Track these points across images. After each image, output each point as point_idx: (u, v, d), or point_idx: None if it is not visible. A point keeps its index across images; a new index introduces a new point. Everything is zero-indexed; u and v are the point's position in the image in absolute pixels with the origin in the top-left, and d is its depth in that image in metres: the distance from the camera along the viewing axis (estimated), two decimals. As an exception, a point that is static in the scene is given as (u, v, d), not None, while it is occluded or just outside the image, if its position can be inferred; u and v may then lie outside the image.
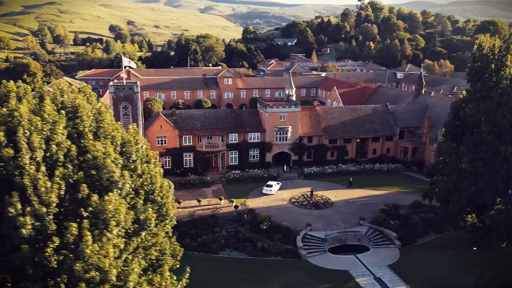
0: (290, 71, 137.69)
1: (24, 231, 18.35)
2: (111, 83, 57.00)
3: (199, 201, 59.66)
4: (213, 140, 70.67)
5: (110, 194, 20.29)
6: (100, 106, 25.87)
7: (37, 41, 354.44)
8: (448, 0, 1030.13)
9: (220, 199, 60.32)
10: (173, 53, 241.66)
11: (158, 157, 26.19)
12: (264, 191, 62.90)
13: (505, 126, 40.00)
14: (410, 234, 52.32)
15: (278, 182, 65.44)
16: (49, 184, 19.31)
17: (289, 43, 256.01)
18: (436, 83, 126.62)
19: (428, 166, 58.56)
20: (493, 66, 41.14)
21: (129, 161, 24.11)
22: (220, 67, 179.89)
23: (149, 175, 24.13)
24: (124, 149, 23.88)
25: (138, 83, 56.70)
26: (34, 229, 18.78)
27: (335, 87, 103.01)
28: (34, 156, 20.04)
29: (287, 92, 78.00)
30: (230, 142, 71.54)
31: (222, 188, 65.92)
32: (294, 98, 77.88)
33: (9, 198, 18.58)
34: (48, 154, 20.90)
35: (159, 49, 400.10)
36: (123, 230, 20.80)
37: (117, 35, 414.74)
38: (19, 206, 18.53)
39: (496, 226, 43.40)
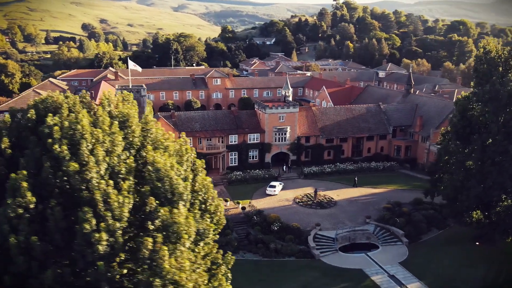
0: (275, 71, 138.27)
1: (100, 247, 17.72)
2: (116, 86, 55.60)
3: (205, 203, 59.02)
4: (212, 141, 70.12)
5: (180, 206, 19.86)
6: (147, 115, 25.28)
7: (7, 40, 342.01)
8: (415, 0, 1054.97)
9: (226, 200, 59.95)
10: (149, 50, 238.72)
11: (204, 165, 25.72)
12: (267, 192, 62.91)
13: (513, 126, 41.36)
14: (415, 231, 53.40)
15: (280, 183, 65.58)
16: (121, 198, 18.70)
17: (268, 42, 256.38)
18: (418, 82, 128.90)
19: (429, 164, 59.80)
20: (500, 69, 42.40)
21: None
22: (203, 67, 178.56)
23: (202, 185, 23.73)
24: (177, 159, 23.42)
25: (145, 86, 55.51)
26: (109, 245, 18.17)
27: (324, 87, 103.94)
28: (99, 169, 19.38)
29: (283, 92, 78.22)
30: (230, 143, 71.15)
31: (225, 190, 65.51)
32: (290, 98, 78.04)
33: (83, 214, 17.89)
34: (109, 167, 20.28)
35: (134, 48, 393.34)
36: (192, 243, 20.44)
37: (90, 34, 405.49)
38: (94, 222, 17.87)
39: (502, 222, 44.84)
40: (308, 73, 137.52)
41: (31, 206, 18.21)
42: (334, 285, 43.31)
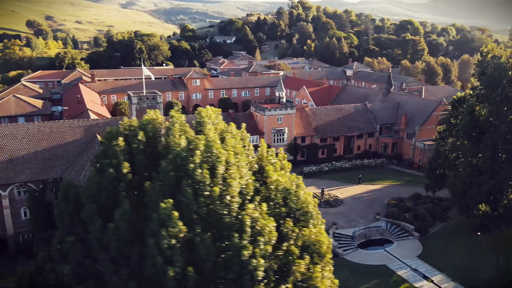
0: (250, 71, 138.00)
1: (259, 273, 17.13)
2: (130, 92, 53.19)
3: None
4: (213, 144, 68.99)
5: (315, 225, 19.60)
6: (243, 131, 24.64)
7: None
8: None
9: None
10: (103, 48, 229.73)
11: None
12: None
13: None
14: (423, 225, 55.73)
15: (285, 183, 65.77)
16: (269, 222, 18.13)
17: (228, 41, 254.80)
18: (385, 80, 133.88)
19: (428, 162, 62.42)
20: (510, 73, 45.07)
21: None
22: (171, 67, 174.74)
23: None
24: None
25: (160, 94, 53.50)
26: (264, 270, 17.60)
27: (304, 86, 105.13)
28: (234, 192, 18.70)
29: (277, 94, 78.29)
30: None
31: (231, 192, 64.77)
32: (284, 100, 78.38)
33: (239, 241, 17.17)
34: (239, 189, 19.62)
35: (85, 46, 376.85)
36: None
37: (37, 31, 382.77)
38: (251, 248, 17.22)
39: (510, 213, 47.96)
40: (281, 73, 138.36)
41: (181, 235, 17.24)
42: (367, 283, 44.33)
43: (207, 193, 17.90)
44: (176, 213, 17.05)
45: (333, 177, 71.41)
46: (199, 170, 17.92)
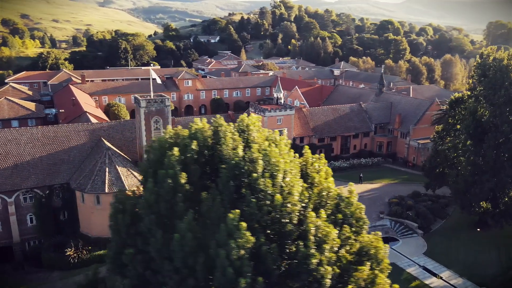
0: (239, 71, 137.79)
1: (328, 281, 17.28)
2: (137, 95, 52.37)
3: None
4: (215, 146, 68.73)
5: (364, 231, 19.89)
6: (284, 137, 24.65)
7: None
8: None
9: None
10: (84, 48, 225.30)
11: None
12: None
13: (526, 126, 45.73)
14: (425, 223, 56.95)
15: (287, 184, 66.12)
16: (331, 229, 18.28)
17: (212, 40, 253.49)
18: (372, 79, 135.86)
19: (427, 160, 63.68)
20: (512, 75, 46.47)
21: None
22: (158, 67, 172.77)
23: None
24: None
25: (169, 97, 52.84)
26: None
27: (297, 86, 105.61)
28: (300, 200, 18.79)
29: (275, 95, 78.45)
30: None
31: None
32: (282, 101, 78.63)
33: (306, 249, 17.27)
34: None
35: (63, 45, 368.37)
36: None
37: (13, 30, 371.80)
38: (318, 256, 17.33)
39: (511, 210, 49.53)
40: (270, 73, 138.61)
41: (248, 245, 17.22)
42: (379, 281, 45.02)
43: (269, 202, 17.94)
44: (244, 224, 17.01)
45: (333, 176, 71.92)
46: (262, 180, 17.94)
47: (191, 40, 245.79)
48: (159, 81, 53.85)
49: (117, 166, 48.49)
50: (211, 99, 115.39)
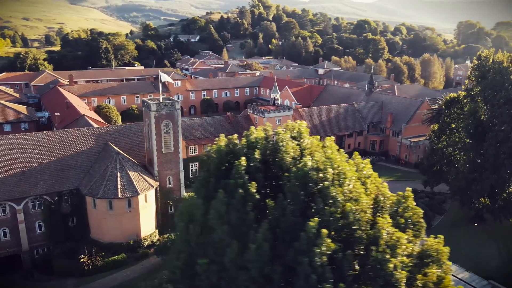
0: (226, 71, 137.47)
1: (402, 285, 17.80)
2: (146, 99, 51.56)
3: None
4: (215, 148, 68.61)
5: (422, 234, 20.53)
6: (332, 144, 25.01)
7: None
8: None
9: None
10: (57, 47, 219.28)
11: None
12: (281, 194, 63.71)
13: (525, 125, 47.81)
14: (426, 219, 58.39)
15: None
16: (401, 234, 18.82)
17: (192, 40, 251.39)
18: (357, 78, 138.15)
19: (424, 158, 65.49)
20: None
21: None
22: (142, 67, 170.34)
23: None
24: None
25: (179, 101, 52.30)
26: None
27: (287, 86, 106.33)
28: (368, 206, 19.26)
29: (272, 96, 78.83)
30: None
31: (238, 195, 64.81)
32: (279, 102, 79.10)
33: (381, 254, 17.74)
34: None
35: (35, 44, 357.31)
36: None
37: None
38: (394, 260, 17.84)
39: (510, 205, 51.71)
40: (257, 73, 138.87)
41: (328, 252, 17.55)
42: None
43: (339, 209, 18.32)
44: (325, 231, 17.33)
45: (330, 176, 73.06)
46: (333, 188, 18.29)
47: (171, 40, 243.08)
48: (171, 81, 52.97)
49: (128, 171, 47.85)
50: (201, 99, 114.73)
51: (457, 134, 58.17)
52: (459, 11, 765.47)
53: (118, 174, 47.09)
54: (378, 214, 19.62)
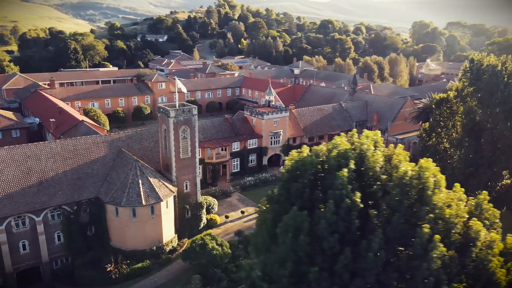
0: (206, 71, 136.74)
1: (503, 282, 19.28)
2: (164, 105, 50.74)
3: (242, 212, 58.92)
4: (218, 150, 68.73)
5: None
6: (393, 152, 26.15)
7: None
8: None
9: (259, 206, 60.34)
10: (12, 47, 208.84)
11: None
12: (285, 193, 64.89)
13: (519, 124, 51.55)
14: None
15: (291, 183, 67.99)
16: (494, 235, 20.33)
17: (160, 39, 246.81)
18: (332, 78, 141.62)
19: (416, 155, 68.60)
20: (505, 79, 52.01)
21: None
22: (116, 68, 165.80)
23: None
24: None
25: (195, 107, 51.72)
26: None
27: (271, 87, 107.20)
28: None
29: (267, 98, 79.65)
30: (233, 150, 70.56)
31: (244, 196, 65.39)
32: (274, 103, 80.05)
33: (484, 254, 19.15)
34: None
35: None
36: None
37: None
38: (495, 260, 19.29)
39: (505, 197, 55.60)
40: (236, 73, 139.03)
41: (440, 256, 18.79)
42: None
43: (438, 215, 19.61)
44: (438, 236, 18.53)
45: (327, 174, 75.08)
46: (436, 196, 19.54)
47: (139, 40, 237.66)
48: (184, 90, 52.60)
49: (149, 178, 47.27)
50: (184, 101, 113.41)
51: (452, 131, 61.46)
52: (411, 10, 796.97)
53: (140, 181, 46.43)
54: (467, 216, 21.11)
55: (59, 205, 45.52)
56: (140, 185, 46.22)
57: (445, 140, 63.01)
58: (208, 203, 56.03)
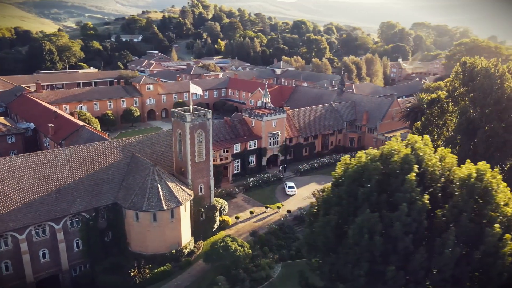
0: (191, 73, 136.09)
1: None
2: (177, 110, 50.51)
3: (251, 213, 59.74)
4: (220, 152, 69.15)
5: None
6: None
7: None
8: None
9: (266, 207, 61.57)
10: None
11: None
12: (289, 193, 66.43)
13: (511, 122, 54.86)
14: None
15: (292, 183, 69.41)
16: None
17: (135, 40, 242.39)
18: (314, 78, 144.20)
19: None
20: (498, 81, 55.31)
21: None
22: (96, 70, 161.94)
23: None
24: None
25: (209, 110, 51.84)
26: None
27: (259, 88, 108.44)
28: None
29: (263, 99, 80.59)
30: (234, 152, 71.16)
31: (248, 197, 66.16)
32: (270, 105, 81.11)
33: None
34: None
35: None
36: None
37: None
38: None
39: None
40: (220, 74, 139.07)
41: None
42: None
43: (504, 213, 21.36)
44: (508, 236, 20.22)
45: (323, 172, 76.84)
46: (499, 196, 21.25)
47: (114, 40, 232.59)
48: (200, 92, 52.58)
49: (167, 182, 47.33)
50: (172, 102, 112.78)
51: (444, 129, 64.53)
52: (377, 11, 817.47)
53: (159, 185, 46.42)
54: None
55: (79, 212, 44.85)
56: (160, 190, 46.22)
57: (436, 137, 66.03)
58: (219, 205, 56.48)
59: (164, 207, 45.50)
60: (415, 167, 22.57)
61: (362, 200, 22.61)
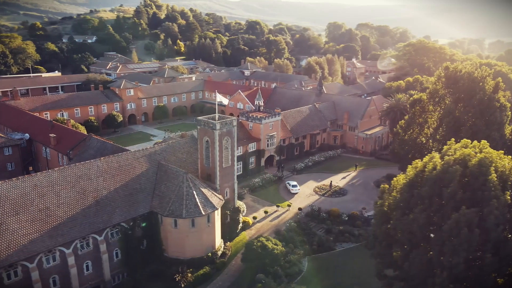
0: (165, 76, 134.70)
1: None
2: (204, 118, 51.35)
3: (266, 212, 62.23)
4: (224, 155, 70.70)
5: None
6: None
7: None
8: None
9: (277, 206, 64.31)
10: None
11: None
12: (293, 191, 69.68)
13: (496, 119, 61.73)
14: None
15: (294, 181, 72.68)
16: None
17: (89, 40, 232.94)
18: (283, 79, 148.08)
19: (398, 148, 77.31)
20: (480, 84, 62.14)
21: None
22: (59, 74, 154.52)
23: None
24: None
25: (235, 118, 53.07)
26: None
27: (239, 90, 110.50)
28: None
29: (256, 103, 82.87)
30: (237, 155, 72.91)
31: (256, 197, 68.42)
32: (263, 107, 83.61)
33: None
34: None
35: None
36: None
37: None
38: None
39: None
40: (193, 77, 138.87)
41: None
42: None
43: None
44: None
45: (317, 170, 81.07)
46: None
47: (67, 41, 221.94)
48: (226, 102, 53.65)
49: (201, 188, 48.60)
50: (152, 106, 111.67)
51: (425, 126, 70.68)
52: (320, 11, 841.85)
53: (194, 192, 47.61)
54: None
55: (119, 222, 44.94)
56: (196, 196, 47.41)
57: (418, 133, 72.17)
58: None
59: (203, 212, 46.80)
60: (492, 169, 26.54)
61: (447, 199, 26.17)
